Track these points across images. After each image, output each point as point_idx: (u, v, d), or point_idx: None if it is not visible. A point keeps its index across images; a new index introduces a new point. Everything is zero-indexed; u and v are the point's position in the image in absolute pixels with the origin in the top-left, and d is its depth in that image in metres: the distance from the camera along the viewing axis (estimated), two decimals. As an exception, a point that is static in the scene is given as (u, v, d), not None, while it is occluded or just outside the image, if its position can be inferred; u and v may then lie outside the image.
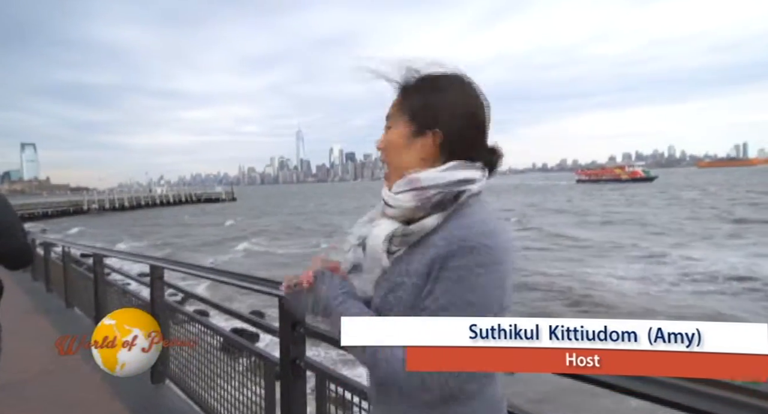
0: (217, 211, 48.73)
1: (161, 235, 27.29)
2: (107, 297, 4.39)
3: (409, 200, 0.80)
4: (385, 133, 0.88)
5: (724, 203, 33.98)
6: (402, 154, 0.85)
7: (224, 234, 26.36)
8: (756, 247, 16.20)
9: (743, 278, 12.05)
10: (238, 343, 2.27)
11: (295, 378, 1.87)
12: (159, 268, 3.18)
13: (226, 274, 2.30)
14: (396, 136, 0.86)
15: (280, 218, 36.61)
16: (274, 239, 23.78)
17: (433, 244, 0.76)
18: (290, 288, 0.90)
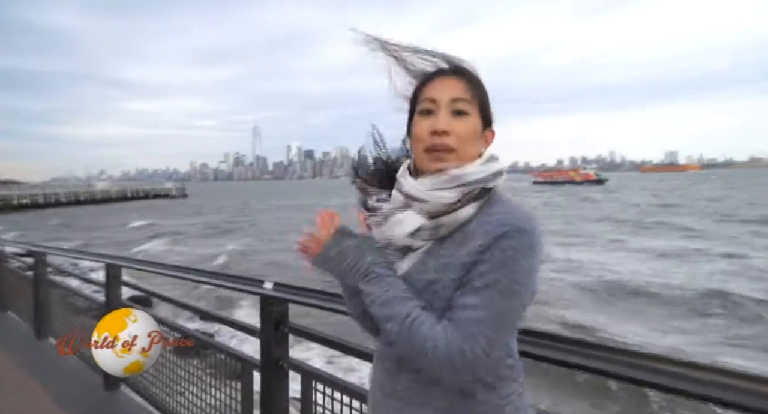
0: (166, 207, 45.80)
1: (63, 233, 23.62)
2: (50, 300, 4.02)
3: (451, 197, 0.78)
4: (458, 119, 0.81)
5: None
6: (472, 146, 0.82)
7: (137, 234, 23.82)
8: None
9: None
10: (212, 345, 2.14)
11: (278, 379, 1.79)
12: (116, 267, 2.95)
13: (198, 273, 2.17)
14: (473, 127, 0.82)
15: (211, 217, 34.04)
16: (187, 238, 22.09)
17: (474, 233, 0.76)
18: (313, 241, 0.85)
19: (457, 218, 0.78)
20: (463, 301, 0.73)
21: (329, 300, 1.70)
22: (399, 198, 0.82)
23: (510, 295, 0.72)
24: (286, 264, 14.37)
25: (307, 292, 1.78)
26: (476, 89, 0.83)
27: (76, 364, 3.42)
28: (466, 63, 0.85)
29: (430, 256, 0.80)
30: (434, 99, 0.82)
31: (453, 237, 0.79)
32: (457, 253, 0.76)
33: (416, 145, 0.84)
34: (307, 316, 2.72)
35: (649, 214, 26.92)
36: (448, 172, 0.79)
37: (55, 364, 3.50)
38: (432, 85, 0.83)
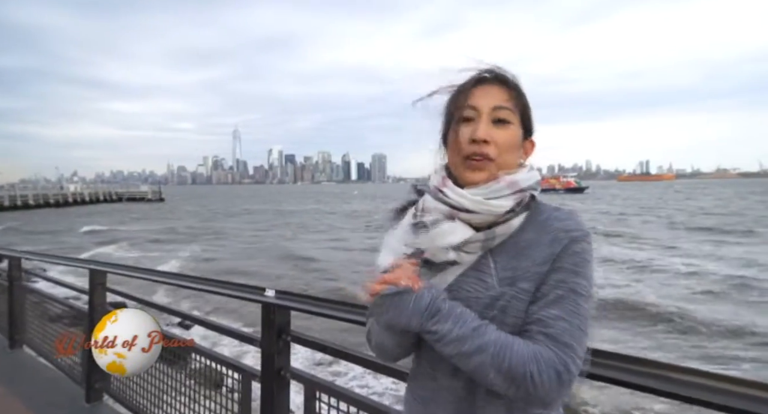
0: (136, 211, 44.05)
1: (4, 238, 22.06)
2: (24, 307, 3.83)
3: (507, 206, 0.76)
4: (499, 128, 0.78)
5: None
6: (512, 155, 0.80)
7: (87, 239, 22.51)
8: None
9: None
10: (207, 354, 2.07)
11: (279, 390, 1.74)
12: (100, 273, 2.83)
13: (195, 280, 2.10)
14: (514, 136, 0.80)
15: (176, 222, 32.55)
16: (138, 245, 21.13)
17: (535, 242, 0.75)
18: (384, 287, 0.72)
19: (510, 227, 0.76)
20: (549, 313, 0.71)
21: (332, 308, 1.67)
22: (440, 209, 0.78)
23: (588, 298, 0.73)
24: (236, 270, 14.06)
25: (310, 299, 1.75)
26: (518, 98, 0.81)
27: (55, 374, 3.26)
28: (508, 72, 0.83)
29: (484, 270, 0.76)
30: (475, 106, 0.79)
31: (504, 248, 0.76)
32: (522, 265, 0.74)
33: (454, 154, 0.81)
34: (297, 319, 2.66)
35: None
36: (503, 179, 0.77)
37: (32, 374, 3.33)
38: (474, 92, 0.81)
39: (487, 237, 0.76)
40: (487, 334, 0.70)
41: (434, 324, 0.71)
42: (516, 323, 0.73)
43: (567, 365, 0.68)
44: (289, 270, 14.62)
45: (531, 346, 0.69)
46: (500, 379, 0.69)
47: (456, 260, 0.77)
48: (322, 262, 15.62)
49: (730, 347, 7.72)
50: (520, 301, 0.73)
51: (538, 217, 0.78)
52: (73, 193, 58.41)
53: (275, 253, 18.00)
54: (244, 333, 1.94)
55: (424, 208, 0.81)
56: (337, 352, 1.61)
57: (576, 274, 0.72)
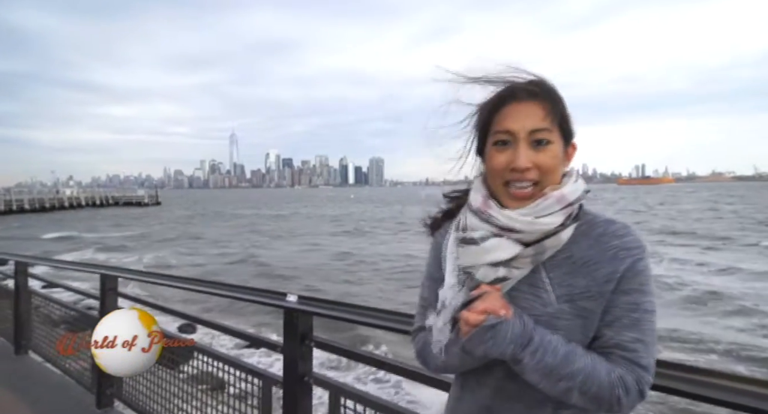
0: (123, 216, 42.84)
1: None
2: (31, 312, 3.80)
3: (558, 221, 0.74)
4: (539, 150, 0.75)
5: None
6: (558, 172, 0.77)
7: (46, 247, 21.29)
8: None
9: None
10: (227, 360, 2.07)
11: (303, 396, 1.74)
12: (111, 278, 2.82)
13: (213, 285, 2.10)
14: (556, 154, 0.76)
15: (155, 227, 31.51)
16: (99, 252, 20.38)
17: (592, 257, 0.74)
18: (483, 317, 0.70)
19: (560, 240, 0.75)
20: (627, 337, 0.72)
21: (356, 312, 1.67)
22: (486, 228, 0.77)
23: (655, 311, 0.74)
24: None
25: (332, 304, 1.75)
26: (555, 111, 0.76)
27: (63, 380, 3.24)
28: (541, 80, 0.78)
29: (538, 284, 0.76)
30: (511, 131, 0.75)
31: (557, 262, 0.75)
32: (580, 283, 0.73)
33: (493, 178, 0.79)
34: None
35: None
36: (551, 195, 0.75)
37: (40, 380, 3.30)
38: (506, 112, 0.76)
39: (537, 251, 0.75)
40: (576, 361, 0.70)
41: (526, 354, 0.71)
42: (583, 341, 0.74)
43: (649, 383, 0.73)
44: (247, 276, 14.19)
45: (616, 371, 0.71)
46: (584, 400, 0.72)
47: (506, 276, 0.75)
48: (279, 268, 15.48)
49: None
50: (583, 320, 0.73)
51: (594, 230, 0.76)
52: (69, 197, 58.07)
53: (236, 258, 17.71)
54: (265, 339, 1.94)
55: (469, 226, 0.80)
56: (362, 357, 1.62)
57: (645, 293, 0.73)
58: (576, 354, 0.71)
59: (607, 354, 0.73)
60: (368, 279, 13.90)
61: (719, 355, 7.34)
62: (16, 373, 3.43)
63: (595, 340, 0.75)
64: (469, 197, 0.83)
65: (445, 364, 0.82)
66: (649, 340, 0.73)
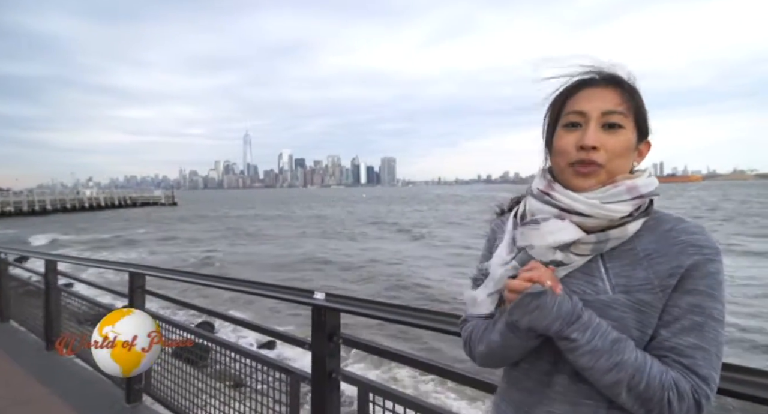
0: (134, 218, 42.77)
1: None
2: (60, 308, 3.91)
3: (626, 210, 0.72)
4: (610, 133, 0.74)
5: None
6: (625, 161, 0.75)
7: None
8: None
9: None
10: (254, 356, 2.10)
11: (331, 392, 1.76)
12: (139, 276, 2.89)
13: (239, 283, 2.14)
14: (627, 141, 0.74)
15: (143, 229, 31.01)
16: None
17: (657, 251, 0.71)
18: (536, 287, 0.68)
19: (626, 232, 0.72)
20: (686, 342, 0.68)
21: (383, 310, 1.69)
22: (550, 211, 0.75)
23: (723, 321, 0.70)
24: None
25: (360, 302, 1.77)
26: (632, 100, 0.74)
27: (93, 375, 3.32)
28: (621, 69, 0.76)
29: (594, 273, 0.73)
30: (582, 111, 0.74)
31: (618, 254, 0.73)
32: (640, 275, 0.71)
33: (559, 159, 0.77)
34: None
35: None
36: (623, 183, 0.72)
37: (71, 375, 3.40)
38: (580, 95, 0.75)
39: (599, 239, 0.72)
40: (626, 351, 0.67)
41: (573, 331, 0.68)
42: (641, 338, 0.70)
43: (707, 396, 0.67)
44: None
45: (670, 373, 0.67)
46: (631, 400, 0.67)
47: (563, 261, 0.73)
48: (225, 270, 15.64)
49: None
50: (639, 313, 0.70)
51: (661, 226, 0.73)
52: (89, 198, 59.47)
53: (192, 261, 17.88)
54: (294, 336, 1.96)
55: (528, 211, 0.79)
56: (392, 354, 1.63)
57: (713, 298, 0.69)
58: (627, 344, 0.68)
59: (661, 357, 0.69)
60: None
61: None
62: (47, 368, 3.54)
63: (651, 341, 0.71)
64: (532, 184, 0.81)
65: (489, 346, 0.80)
66: (712, 349, 0.68)
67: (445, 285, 12.46)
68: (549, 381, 0.76)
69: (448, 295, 11.34)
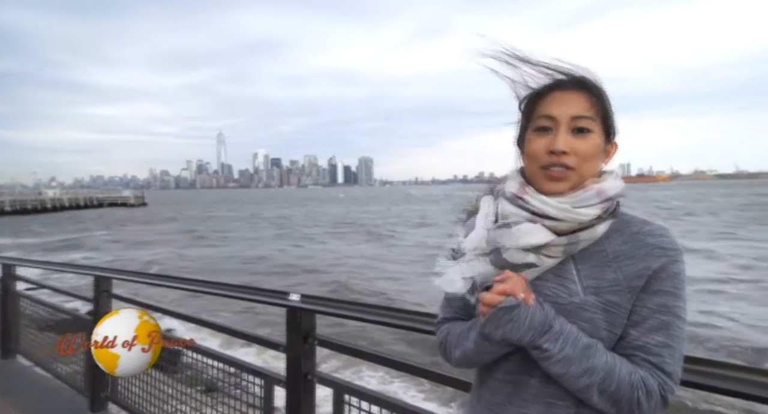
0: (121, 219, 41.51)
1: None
2: (19, 315, 3.71)
3: (595, 213, 0.74)
4: (579, 138, 0.75)
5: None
6: (594, 164, 0.77)
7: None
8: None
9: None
10: (225, 359, 2.05)
11: (306, 394, 1.74)
12: (105, 280, 2.77)
13: (212, 285, 2.08)
14: (595, 145, 0.76)
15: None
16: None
17: (624, 253, 0.74)
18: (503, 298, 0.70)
19: (595, 234, 0.74)
20: (653, 340, 0.71)
21: (359, 310, 1.68)
22: (522, 215, 0.77)
23: (686, 319, 0.72)
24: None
25: (335, 302, 1.75)
26: (599, 103, 0.77)
27: (54, 383, 3.17)
28: (587, 73, 0.78)
29: (566, 275, 0.75)
30: (552, 116, 0.76)
31: (588, 256, 0.75)
32: (609, 276, 0.73)
33: (531, 163, 0.79)
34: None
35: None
36: (592, 187, 0.75)
37: (29, 385, 3.24)
38: (550, 99, 0.77)
39: (570, 241, 0.74)
40: (596, 356, 0.69)
41: (545, 341, 0.70)
42: (609, 337, 0.72)
43: (672, 391, 0.70)
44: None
45: (638, 372, 0.70)
46: (603, 401, 0.70)
47: (535, 263, 0.75)
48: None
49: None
50: (608, 314, 0.72)
51: (628, 228, 0.76)
52: (52, 198, 56.79)
53: (131, 267, 17.71)
54: (268, 339, 1.92)
55: (500, 213, 0.80)
56: (367, 355, 1.62)
57: (677, 298, 0.72)
58: (597, 349, 0.70)
59: (630, 356, 0.72)
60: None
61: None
62: (4, 378, 3.35)
63: (620, 340, 0.73)
64: (505, 186, 0.83)
65: (464, 352, 0.81)
66: (677, 346, 0.71)
67: (368, 283, 12.53)
68: (521, 382, 0.77)
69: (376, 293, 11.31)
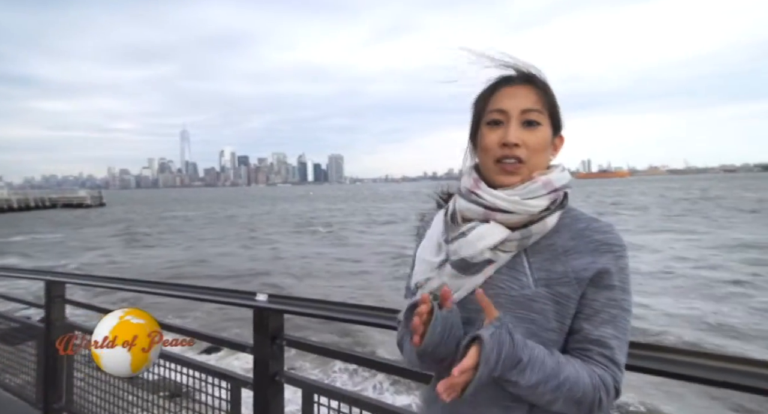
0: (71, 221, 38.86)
1: None
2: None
3: (544, 204, 0.77)
4: (529, 130, 0.79)
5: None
6: (543, 156, 0.80)
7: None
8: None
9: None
10: (189, 363, 1.98)
11: (274, 396, 1.71)
12: (58, 285, 2.62)
13: (175, 287, 2.00)
14: (545, 137, 0.80)
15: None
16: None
17: (573, 246, 0.76)
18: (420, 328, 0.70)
19: (546, 226, 0.77)
20: (606, 333, 0.74)
21: (327, 308, 1.66)
22: (474, 210, 0.79)
23: (631, 312, 0.76)
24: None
25: (303, 301, 1.73)
26: (547, 97, 0.80)
27: (2, 397, 2.97)
28: (534, 69, 0.82)
29: (518, 268, 0.77)
30: (504, 110, 0.79)
31: (539, 249, 0.78)
32: (558, 269, 0.76)
33: (485, 156, 0.81)
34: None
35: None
36: (539, 179, 0.78)
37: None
38: (501, 94, 0.80)
39: (524, 236, 0.77)
40: (561, 373, 0.71)
41: (513, 375, 0.69)
42: (560, 328, 0.75)
43: (621, 381, 0.74)
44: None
45: (595, 373, 0.73)
46: (567, 407, 0.72)
47: (492, 258, 0.77)
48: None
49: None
50: (558, 305, 0.75)
51: (576, 224, 0.79)
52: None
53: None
54: (235, 341, 1.88)
55: (457, 211, 0.82)
56: (335, 353, 1.61)
57: (624, 291, 0.76)
58: (560, 365, 0.72)
59: (585, 349, 0.75)
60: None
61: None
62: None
63: (575, 334, 0.76)
64: (461, 182, 0.85)
65: (411, 364, 0.83)
66: (623, 338, 0.75)
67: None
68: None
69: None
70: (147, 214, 46.87)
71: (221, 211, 51.86)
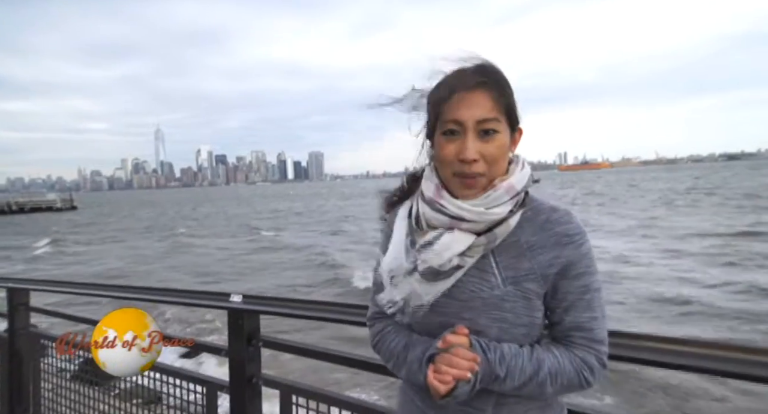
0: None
1: None
2: None
3: (507, 210, 0.77)
4: (486, 140, 0.76)
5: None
6: (503, 162, 0.79)
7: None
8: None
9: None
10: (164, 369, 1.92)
11: (251, 398, 1.67)
12: (22, 292, 2.50)
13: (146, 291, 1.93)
14: (503, 144, 0.78)
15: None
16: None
17: (537, 243, 0.78)
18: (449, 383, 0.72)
19: (509, 227, 0.77)
20: (584, 317, 0.78)
21: (303, 307, 1.63)
22: (442, 220, 0.79)
23: (601, 289, 0.80)
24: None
25: (279, 301, 1.69)
26: (501, 99, 0.77)
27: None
28: (489, 66, 0.79)
29: (487, 269, 0.78)
30: (459, 121, 0.76)
31: (504, 247, 0.78)
32: (525, 266, 0.77)
33: (443, 167, 0.80)
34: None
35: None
36: (500, 186, 0.77)
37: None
38: (457, 101, 0.76)
39: (489, 240, 0.77)
40: (541, 369, 0.75)
41: (494, 386, 0.76)
42: (531, 322, 0.78)
43: (606, 354, 0.80)
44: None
45: (577, 356, 0.78)
46: (555, 392, 0.78)
47: (460, 264, 0.77)
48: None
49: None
50: (527, 301, 0.77)
51: (538, 217, 0.80)
52: (-39, 205, 50.66)
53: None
54: (210, 344, 1.82)
55: (421, 216, 0.82)
56: (313, 353, 1.58)
57: (591, 274, 0.79)
58: (540, 361, 0.76)
59: (568, 336, 0.79)
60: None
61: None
62: None
63: (557, 325, 0.80)
64: (422, 186, 0.84)
65: (394, 368, 0.87)
66: (600, 315, 0.79)
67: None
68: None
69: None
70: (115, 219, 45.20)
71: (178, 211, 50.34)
